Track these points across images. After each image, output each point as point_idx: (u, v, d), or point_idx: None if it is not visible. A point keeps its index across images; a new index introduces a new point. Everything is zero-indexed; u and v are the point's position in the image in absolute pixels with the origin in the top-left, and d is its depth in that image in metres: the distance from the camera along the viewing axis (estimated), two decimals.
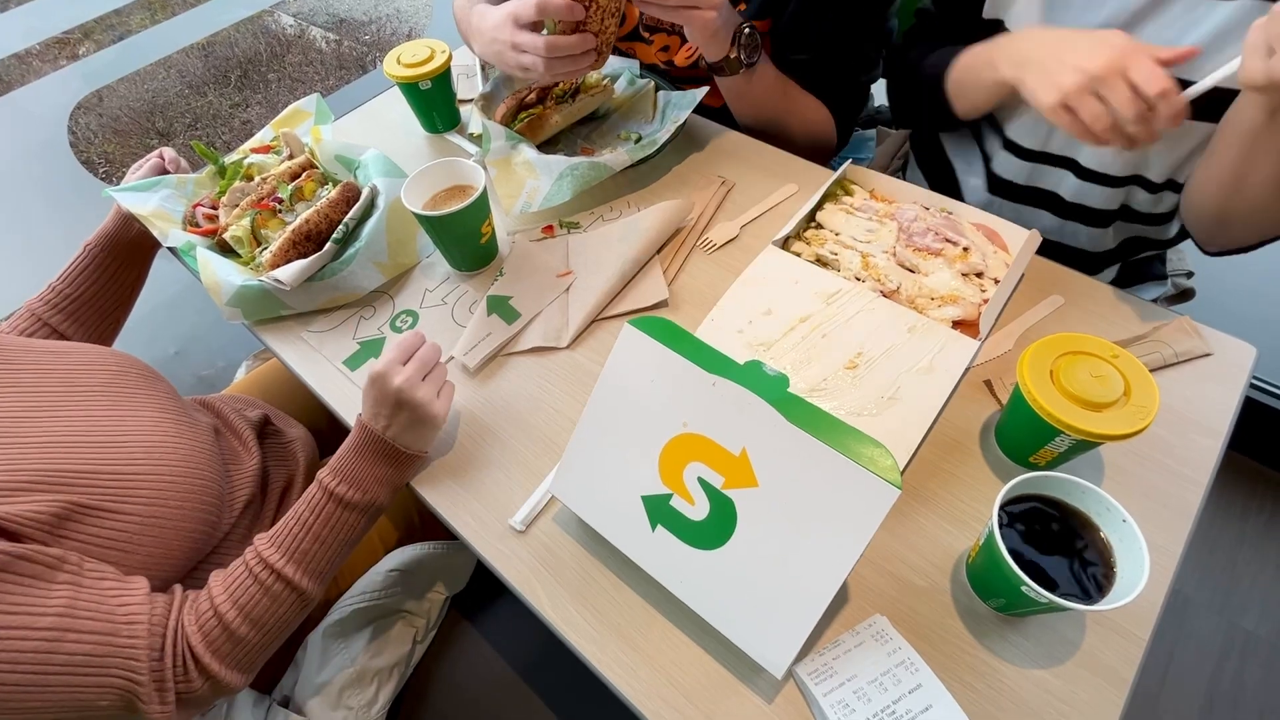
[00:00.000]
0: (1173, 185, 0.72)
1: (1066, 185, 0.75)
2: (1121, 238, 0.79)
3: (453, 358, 0.67)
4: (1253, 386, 0.60)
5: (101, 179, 2.03)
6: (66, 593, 0.48)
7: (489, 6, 0.78)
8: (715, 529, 0.46)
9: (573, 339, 0.68)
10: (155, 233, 0.75)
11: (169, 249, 0.77)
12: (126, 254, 0.78)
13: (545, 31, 0.70)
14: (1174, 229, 0.78)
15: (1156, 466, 0.56)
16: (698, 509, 0.47)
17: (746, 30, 0.76)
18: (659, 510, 0.48)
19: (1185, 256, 0.94)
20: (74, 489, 0.53)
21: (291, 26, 2.69)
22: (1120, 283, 0.88)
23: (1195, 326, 0.63)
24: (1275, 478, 1.26)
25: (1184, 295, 0.91)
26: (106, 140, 2.20)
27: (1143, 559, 0.42)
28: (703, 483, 0.46)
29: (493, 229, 0.73)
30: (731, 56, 0.77)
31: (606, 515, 0.51)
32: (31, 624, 0.45)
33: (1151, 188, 0.72)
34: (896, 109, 0.90)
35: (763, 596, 0.44)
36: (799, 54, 0.84)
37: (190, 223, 0.78)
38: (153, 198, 0.78)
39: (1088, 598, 0.43)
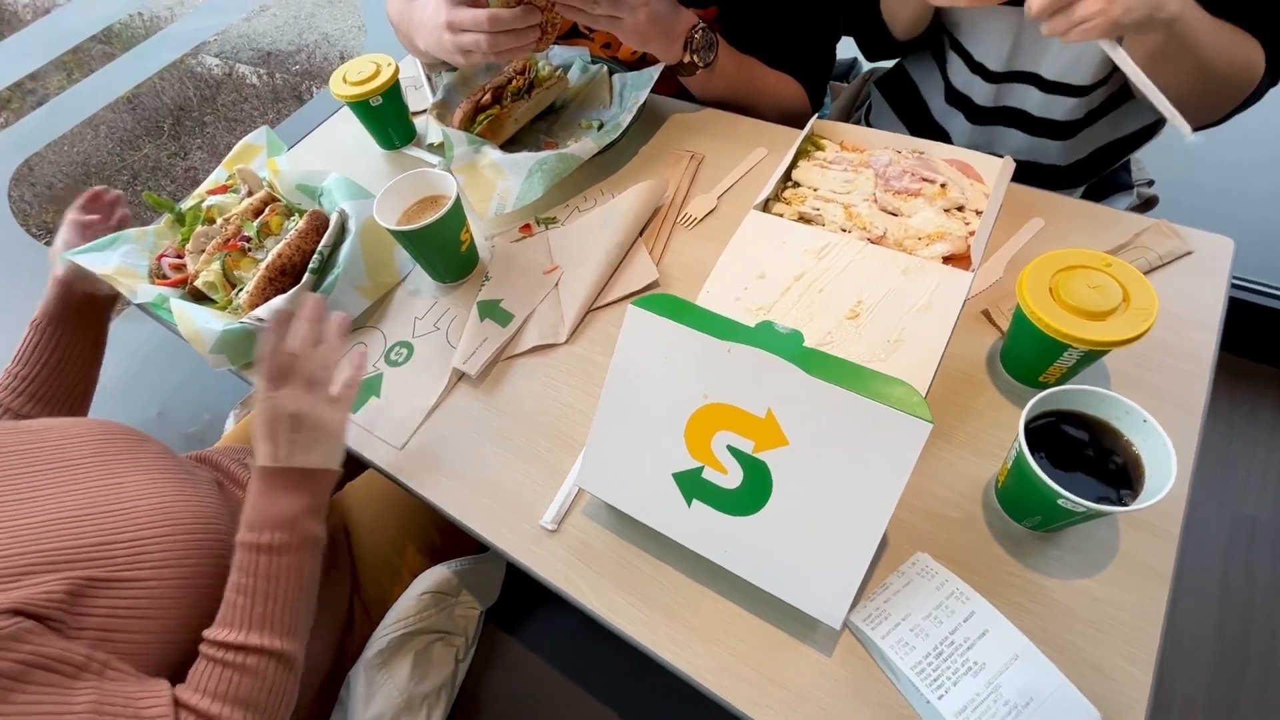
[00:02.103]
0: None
1: (1032, 100, 0.77)
2: (1093, 147, 0.81)
3: (462, 373, 0.66)
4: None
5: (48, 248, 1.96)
6: (91, 696, 0.45)
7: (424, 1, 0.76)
8: (752, 494, 0.46)
9: (570, 333, 0.67)
10: (123, 290, 0.72)
11: (138, 306, 0.75)
12: (76, 321, 0.74)
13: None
14: (1136, 124, 0.80)
15: (1159, 367, 0.57)
16: (731, 477, 0.47)
17: (698, 34, 0.75)
18: (692, 485, 0.48)
19: (1144, 166, 0.96)
20: (82, 564, 0.51)
21: (217, 67, 2.61)
22: (1090, 198, 0.90)
23: (1173, 228, 0.65)
24: (1253, 368, 1.30)
25: (1149, 204, 0.93)
26: (44, 210, 2.12)
27: (1169, 454, 0.43)
28: (733, 450, 0.46)
29: (471, 235, 0.72)
30: (685, 62, 0.76)
31: (639, 499, 0.51)
32: None
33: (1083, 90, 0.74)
34: (864, 47, 0.90)
35: (809, 552, 0.45)
36: (761, 31, 0.83)
37: (157, 275, 0.76)
38: (113, 255, 0.75)
39: (1120, 501, 0.44)
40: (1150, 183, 0.94)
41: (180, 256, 0.76)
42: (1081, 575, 0.49)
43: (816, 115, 0.76)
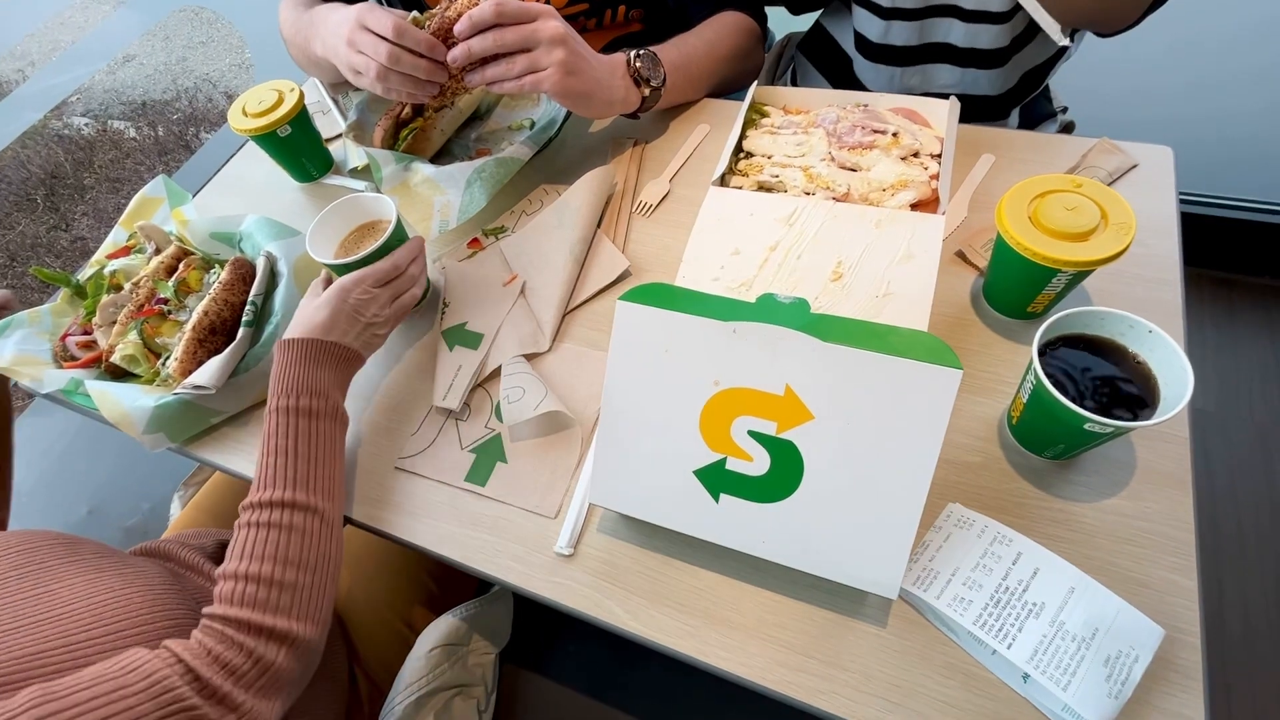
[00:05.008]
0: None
1: (956, 32, 0.77)
2: (1022, 72, 0.82)
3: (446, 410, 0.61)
4: None
5: None
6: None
7: (335, 7, 0.70)
8: (783, 477, 0.43)
9: (552, 338, 0.63)
10: (26, 383, 0.63)
11: (46, 397, 0.66)
12: None
13: None
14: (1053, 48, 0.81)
15: (1134, 279, 0.58)
16: (758, 463, 0.44)
17: (639, 62, 0.70)
18: (717, 479, 0.45)
19: (1057, 93, 1.00)
20: (18, 684, 0.43)
21: (87, 126, 2.39)
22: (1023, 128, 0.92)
23: (1114, 144, 0.66)
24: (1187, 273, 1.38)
25: (1067, 129, 0.97)
26: None
27: (1180, 361, 0.43)
28: (755, 435, 0.43)
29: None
30: (646, 95, 0.72)
31: (662, 505, 0.48)
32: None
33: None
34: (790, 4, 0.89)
35: (853, 526, 0.43)
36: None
37: (64, 358, 0.67)
38: (6, 345, 0.66)
39: (1138, 416, 0.44)
40: (1064, 109, 0.97)
41: (88, 333, 0.67)
42: (1108, 496, 0.49)
43: (755, 83, 0.75)
